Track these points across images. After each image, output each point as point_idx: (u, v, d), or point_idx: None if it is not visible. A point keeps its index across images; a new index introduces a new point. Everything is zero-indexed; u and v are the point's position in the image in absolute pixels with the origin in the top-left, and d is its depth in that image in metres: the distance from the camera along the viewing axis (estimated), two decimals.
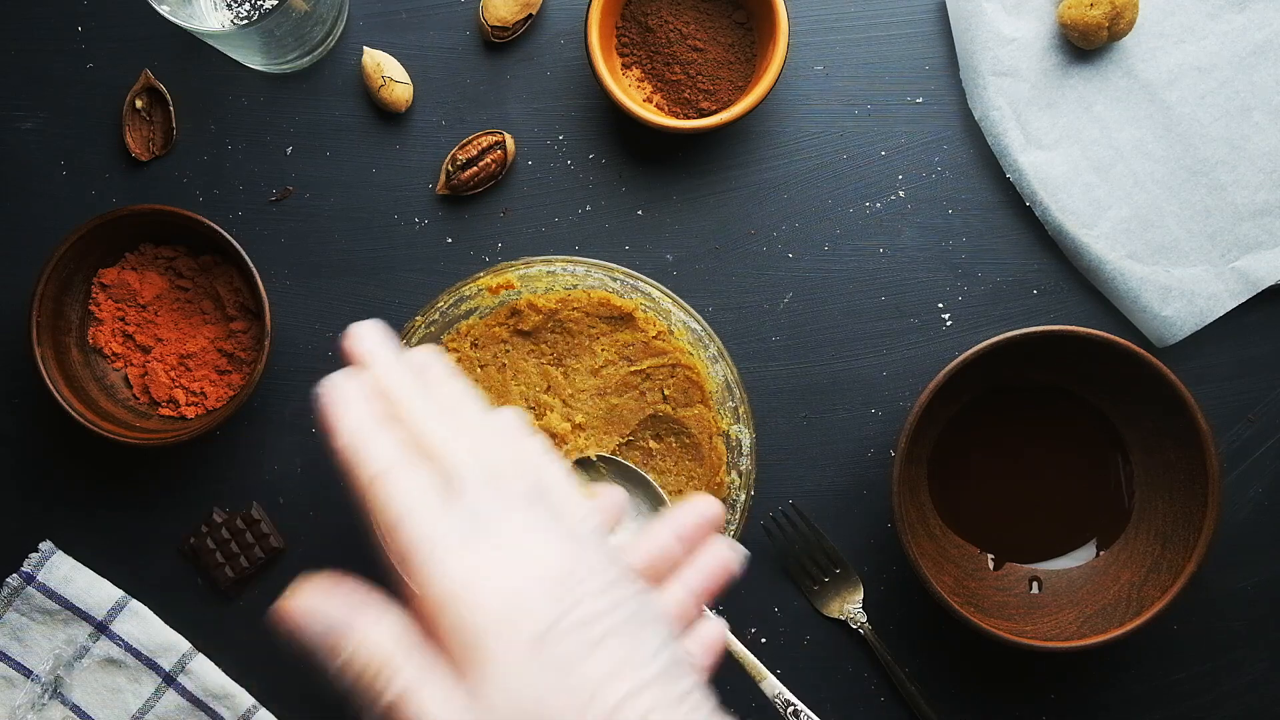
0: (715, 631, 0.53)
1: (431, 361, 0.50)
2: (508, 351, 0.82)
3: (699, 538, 0.53)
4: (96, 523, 0.87)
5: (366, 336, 0.49)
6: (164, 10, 0.76)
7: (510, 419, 0.49)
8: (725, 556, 0.53)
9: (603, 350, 0.82)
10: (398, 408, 0.46)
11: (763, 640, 0.86)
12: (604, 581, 0.44)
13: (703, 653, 0.52)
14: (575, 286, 0.82)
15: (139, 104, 0.87)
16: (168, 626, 0.86)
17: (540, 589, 0.43)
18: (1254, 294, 0.85)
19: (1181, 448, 0.80)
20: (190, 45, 0.87)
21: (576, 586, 0.43)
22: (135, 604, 0.86)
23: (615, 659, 0.42)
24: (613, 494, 0.53)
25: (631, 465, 0.79)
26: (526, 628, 0.42)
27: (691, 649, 0.51)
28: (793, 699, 0.76)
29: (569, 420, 0.81)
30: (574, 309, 0.81)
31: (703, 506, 0.53)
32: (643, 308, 0.81)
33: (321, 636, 0.44)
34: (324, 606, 0.44)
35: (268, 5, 0.81)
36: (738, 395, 0.80)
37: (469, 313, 0.82)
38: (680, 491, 0.82)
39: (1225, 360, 0.86)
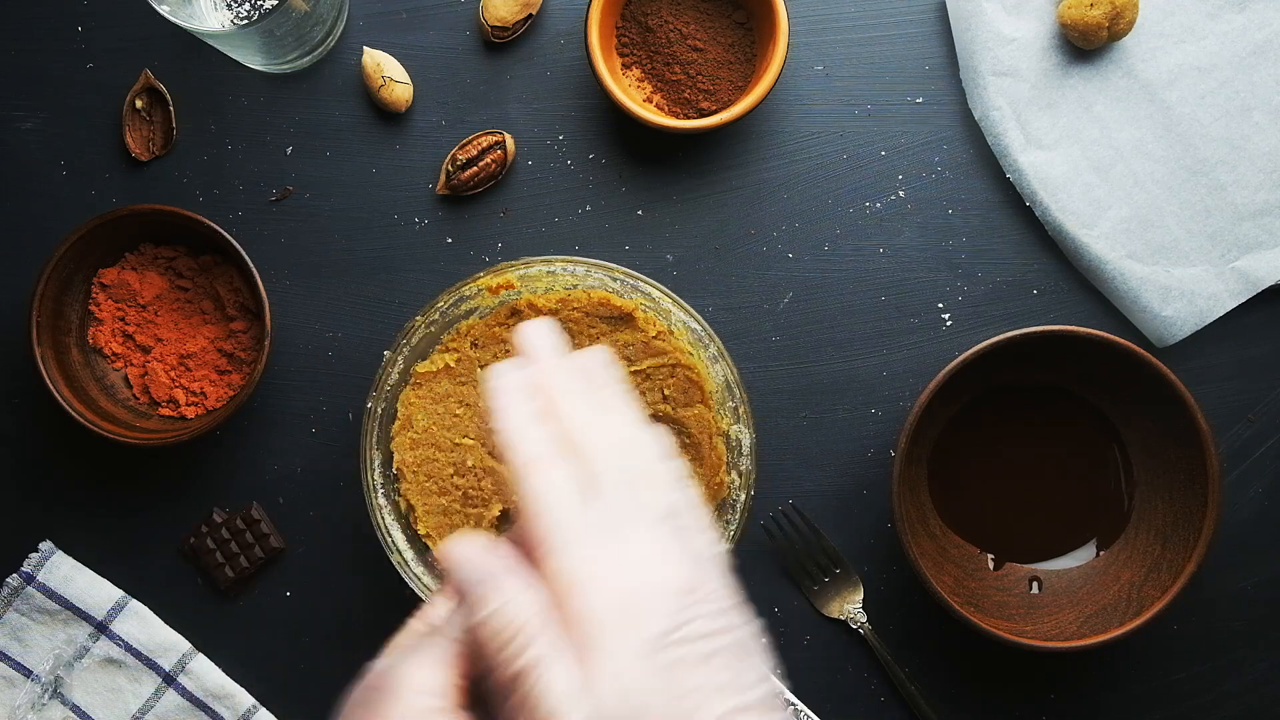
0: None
1: (598, 365, 0.52)
2: (508, 351, 0.82)
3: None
4: (96, 523, 0.87)
5: (536, 333, 0.51)
6: (164, 10, 0.76)
7: (659, 437, 0.51)
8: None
9: None
10: (556, 404, 0.49)
11: (763, 640, 0.85)
12: (720, 605, 0.47)
13: None
14: (575, 286, 0.82)
15: (139, 104, 0.87)
16: (168, 626, 0.86)
17: (661, 598, 0.45)
18: (1254, 294, 0.85)
19: (1181, 448, 0.80)
20: (190, 45, 0.87)
21: (694, 604, 0.46)
22: (135, 604, 0.86)
23: (721, 678, 0.45)
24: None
25: None
26: (643, 630, 0.44)
27: None
28: (793, 699, 0.76)
29: None
30: (574, 309, 0.81)
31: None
32: (643, 308, 0.81)
33: (475, 584, 0.46)
34: (483, 558, 0.47)
35: (268, 5, 0.81)
36: (738, 395, 0.80)
37: (469, 313, 0.82)
38: None
39: (1225, 360, 0.86)
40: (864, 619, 0.85)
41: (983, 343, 0.79)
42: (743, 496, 0.80)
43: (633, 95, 0.85)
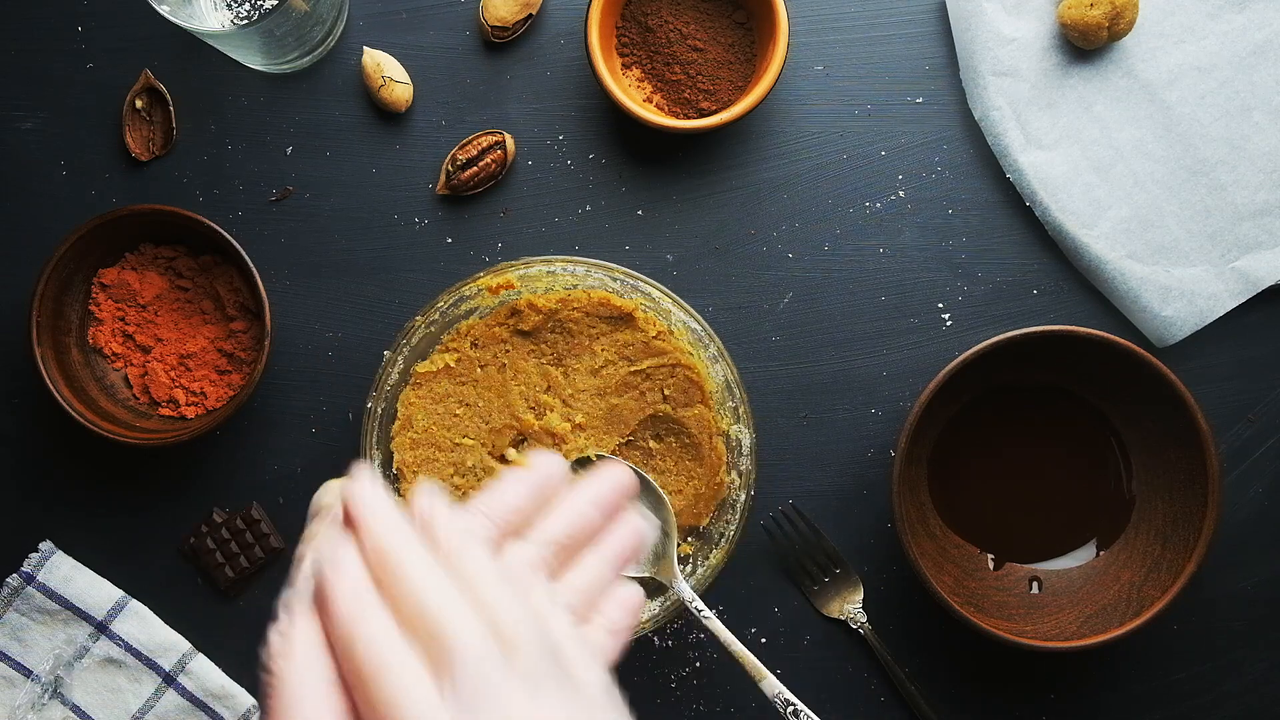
0: (633, 593, 0.53)
1: (434, 504, 0.47)
2: (508, 351, 0.82)
3: (616, 507, 0.53)
4: (96, 523, 0.87)
5: (360, 494, 0.46)
6: (164, 10, 0.76)
7: (517, 566, 0.47)
8: (639, 526, 0.54)
9: (603, 350, 0.82)
10: (394, 574, 0.43)
11: (763, 640, 0.86)
12: None
13: (622, 615, 0.52)
14: (575, 286, 0.82)
15: (139, 104, 0.87)
16: (168, 626, 0.86)
17: None
18: (1254, 294, 0.85)
19: (1181, 448, 0.80)
20: (190, 45, 0.87)
21: None
22: (135, 604, 0.86)
23: None
24: (616, 473, 0.53)
25: (631, 465, 0.79)
26: None
27: (611, 613, 0.51)
28: (793, 699, 0.76)
29: (569, 420, 0.81)
30: (574, 309, 0.81)
31: (619, 475, 0.53)
32: (643, 308, 0.81)
33: None
34: None
35: (268, 5, 0.81)
36: (738, 395, 0.80)
37: (469, 313, 0.82)
38: (680, 491, 0.82)
39: (1225, 360, 0.86)
40: (864, 619, 0.85)
41: (983, 343, 0.79)
42: (743, 496, 0.80)
43: (633, 95, 0.85)
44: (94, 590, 0.86)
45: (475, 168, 0.85)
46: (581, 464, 0.79)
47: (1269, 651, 0.86)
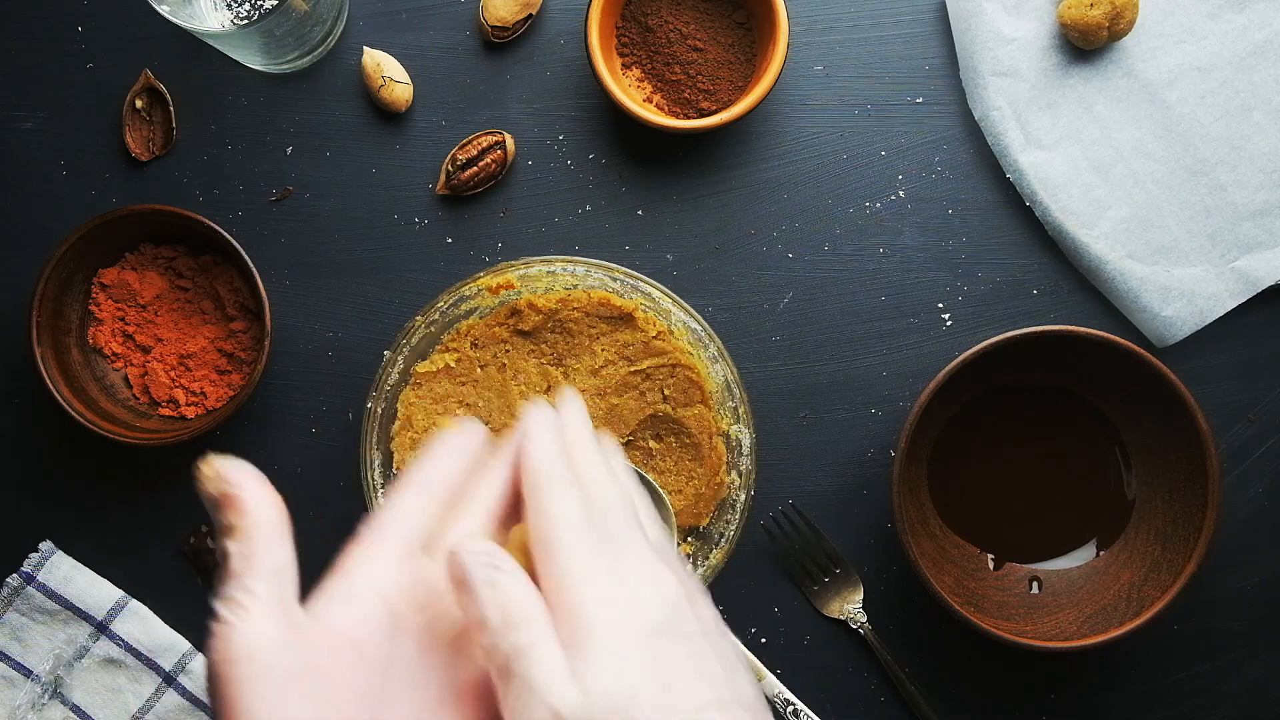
0: None
1: (608, 440, 0.56)
2: (508, 351, 0.82)
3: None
4: (96, 523, 0.87)
5: (569, 400, 0.56)
6: (164, 10, 0.76)
7: (644, 492, 0.55)
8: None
9: (603, 350, 0.82)
10: (574, 449, 0.52)
11: (763, 640, 0.86)
12: (708, 621, 0.48)
13: None
14: (575, 286, 0.82)
15: (139, 104, 0.87)
16: (168, 626, 0.86)
17: (653, 600, 0.47)
18: (1254, 294, 0.85)
19: (1181, 448, 0.80)
20: (190, 45, 0.87)
21: (686, 612, 0.47)
22: (135, 604, 0.86)
23: (712, 676, 0.46)
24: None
25: (631, 465, 0.79)
26: (636, 622, 0.46)
27: None
28: (793, 699, 0.76)
29: None
30: (574, 309, 0.81)
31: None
32: (643, 308, 0.81)
33: (477, 570, 0.48)
34: (488, 551, 0.48)
35: (268, 5, 0.81)
36: (738, 395, 0.80)
37: (469, 313, 0.82)
38: (680, 491, 0.82)
39: (1225, 360, 0.86)
40: (864, 619, 0.85)
41: (983, 343, 0.79)
42: (743, 496, 0.80)
43: (633, 95, 0.85)
44: (94, 590, 0.85)
45: (475, 168, 0.85)
46: None
47: (1269, 651, 0.86)
